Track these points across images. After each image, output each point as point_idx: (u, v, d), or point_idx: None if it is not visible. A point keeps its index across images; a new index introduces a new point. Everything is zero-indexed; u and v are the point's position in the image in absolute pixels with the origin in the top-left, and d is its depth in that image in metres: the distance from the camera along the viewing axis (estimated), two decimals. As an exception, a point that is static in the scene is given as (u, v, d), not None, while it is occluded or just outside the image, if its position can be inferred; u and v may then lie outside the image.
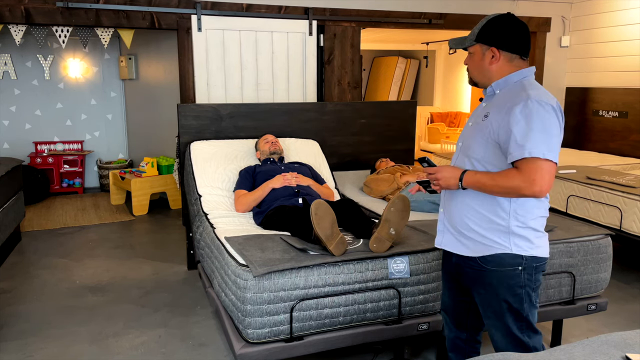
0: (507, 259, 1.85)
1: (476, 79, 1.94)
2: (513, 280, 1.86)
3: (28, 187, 6.29)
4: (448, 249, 2.01)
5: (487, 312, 1.95)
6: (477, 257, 1.90)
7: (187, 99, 4.56)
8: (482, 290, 1.93)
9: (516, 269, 1.86)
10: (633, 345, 1.47)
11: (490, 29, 1.87)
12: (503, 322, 1.92)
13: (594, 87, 5.89)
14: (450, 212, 1.98)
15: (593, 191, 4.10)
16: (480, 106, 1.96)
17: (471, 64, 1.94)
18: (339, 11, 4.90)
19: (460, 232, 1.94)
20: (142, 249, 4.79)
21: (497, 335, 1.96)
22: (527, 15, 5.71)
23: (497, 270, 1.87)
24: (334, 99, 5.02)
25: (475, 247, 1.90)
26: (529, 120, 1.71)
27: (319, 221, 2.41)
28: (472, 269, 1.93)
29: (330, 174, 4.00)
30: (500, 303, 1.89)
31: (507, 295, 1.88)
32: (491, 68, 1.89)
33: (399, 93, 9.37)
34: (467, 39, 1.92)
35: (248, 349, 2.29)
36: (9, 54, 6.80)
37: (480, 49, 1.90)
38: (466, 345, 2.18)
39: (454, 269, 2.02)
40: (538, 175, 1.67)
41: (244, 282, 2.28)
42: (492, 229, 1.86)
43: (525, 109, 1.72)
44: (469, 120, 1.99)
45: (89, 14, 4.25)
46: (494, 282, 1.89)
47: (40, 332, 3.20)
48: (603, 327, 3.28)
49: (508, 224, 1.83)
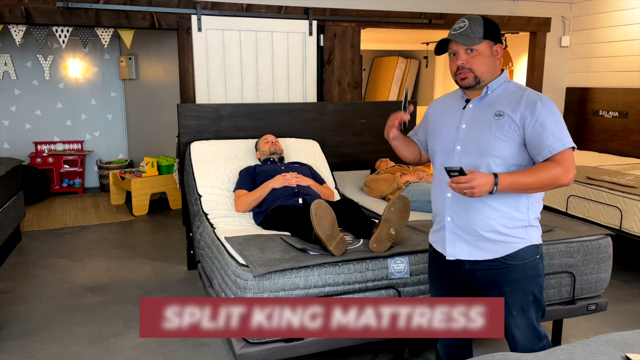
0: (529, 250, 1.90)
1: (484, 78, 1.89)
2: (534, 271, 1.92)
3: (28, 187, 6.30)
4: (464, 258, 1.93)
5: (512, 310, 1.91)
6: (500, 257, 1.88)
7: (187, 99, 4.56)
8: (507, 288, 1.89)
9: (535, 258, 1.92)
10: (633, 345, 1.47)
11: (491, 26, 1.91)
12: (528, 315, 1.92)
13: (594, 87, 5.89)
14: (465, 218, 1.90)
15: (593, 191, 4.10)
16: (468, 107, 1.94)
17: (478, 63, 1.88)
18: (339, 11, 4.90)
19: (480, 237, 1.89)
20: (142, 249, 4.79)
21: (519, 332, 1.93)
22: (527, 15, 5.71)
23: (521, 264, 1.89)
24: (334, 99, 5.02)
25: (497, 247, 1.88)
26: (554, 114, 1.80)
27: (319, 221, 2.41)
28: (494, 270, 1.90)
29: (330, 174, 4.00)
30: (527, 296, 1.91)
31: (532, 287, 1.91)
32: (497, 64, 1.93)
33: (399, 93, 9.37)
34: (471, 37, 1.86)
35: (248, 349, 2.29)
36: (9, 54, 6.80)
37: (488, 46, 1.90)
38: (462, 348, 2.17)
39: (466, 275, 1.95)
40: (572, 163, 1.78)
41: (244, 282, 2.28)
42: (514, 225, 1.88)
43: (545, 104, 1.80)
44: (461, 123, 1.93)
45: (89, 14, 4.25)
46: (519, 277, 1.89)
47: (40, 332, 3.20)
48: (603, 327, 3.28)
49: (527, 217, 1.89)
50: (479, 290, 1.96)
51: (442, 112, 2.07)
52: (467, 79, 1.90)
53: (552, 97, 6.16)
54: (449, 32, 1.92)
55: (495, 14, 5.55)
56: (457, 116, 1.96)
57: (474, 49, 1.88)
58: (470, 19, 1.90)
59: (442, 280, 2.07)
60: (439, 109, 2.10)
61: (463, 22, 1.90)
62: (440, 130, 2.01)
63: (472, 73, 1.89)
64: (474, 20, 1.89)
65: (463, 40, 1.86)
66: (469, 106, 1.94)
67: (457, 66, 1.91)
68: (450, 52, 1.94)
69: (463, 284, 1.99)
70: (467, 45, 1.87)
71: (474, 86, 1.92)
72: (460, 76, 1.91)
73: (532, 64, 6.00)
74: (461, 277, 1.97)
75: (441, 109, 2.08)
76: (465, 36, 1.86)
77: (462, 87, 1.95)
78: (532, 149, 1.82)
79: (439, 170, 1.99)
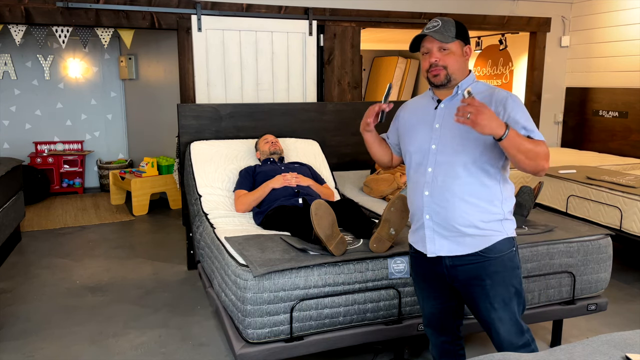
0: (505, 243, 1.94)
1: (455, 76, 1.94)
2: (512, 263, 1.96)
3: (28, 187, 6.30)
4: (444, 254, 1.96)
5: (494, 304, 1.93)
6: (479, 250, 1.92)
7: (187, 99, 4.56)
8: (488, 281, 1.92)
9: (512, 250, 1.96)
10: (633, 345, 1.47)
11: (462, 28, 1.96)
12: (510, 308, 1.95)
13: (594, 87, 5.89)
14: (444, 215, 1.93)
15: (593, 191, 4.10)
16: (440, 107, 1.97)
17: (451, 61, 1.93)
18: (339, 11, 4.90)
19: (458, 232, 1.92)
20: (142, 249, 4.79)
21: (503, 326, 1.95)
22: (527, 15, 5.72)
23: (499, 256, 1.92)
24: (334, 99, 5.02)
25: (475, 241, 1.92)
26: (523, 110, 1.87)
27: (319, 221, 2.41)
28: (473, 264, 1.93)
29: (330, 174, 4.00)
30: (508, 288, 1.94)
31: (512, 278, 1.95)
32: (467, 64, 1.99)
33: (399, 93, 9.37)
34: (445, 35, 1.90)
35: (248, 349, 2.29)
36: (9, 54, 6.80)
37: (460, 46, 1.95)
38: (453, 346, 2.18)
39: (447, 272, 1.99)
40: (549, 153, 1.84)
41: (244, 282, 2.28)
42: (490, 219, 1.92)
43: (515, 101, 1.87)
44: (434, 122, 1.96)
45: (89, 14, 4.25)
46: (499, 269, 1.92)
47: (40, 332, 3.20)
48: (603, 327, 3.28)
49: (502, 211, 1.94)
50: (461, 286, 1.99)
51: (413, 113, 2.11)
52: (438, 76, 1.94)
53: (552, 97, 6.16)
54: (422, 30, 1.97)
55: (495, 14, 5.55)
56: (430, 116, 2.00)
57: (447, 48, 1.92)
58: (442, 20, 1.95)
59: (424, 279, 2.10)
60: (410, 110, 2.14)
61: (436, 21, 1.95)
62: (414, 130, 2.05)
63: (445, 70, 1.93)
64: (447, 21, 1.95)
65: (439, 37, 1.90)
66: (441, 106, 1.98)
67: (430, 63, 1.95)
68: (424, 51, 1.98)
69: (445, 281, 2.02)
70: (443, 42, 1.91)
71: (445, 84, 1.95)
72: (433, 73, 1.95)
73: (532, 64, 6.00)
74: (443, 274, 2.01)
75: (413, 110, 2.13)
76: (440, 33, 1.91)
77: (434, 85, 1.99)
78: None
79: (414, 170, 2.03)
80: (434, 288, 2.08)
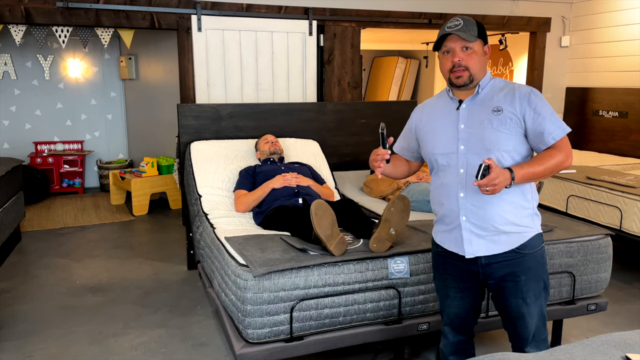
0: (537, 239, 1.99)
1: (477, 76, 1.93)
2: (542, 258, 2.01)
3: (28, 187, 6.29)
4: (482, 254, 1.95)
5: (526, 299, 1.96)
6: (515, 247, 1.94)
7: (187, 99, 4.56)
8: (522, 277, 1.95)
9: (542, 246, 2.01)
10: (633, 345, 1.47)
11: (482, 27, 1.96)
12: (539, 302, 1.99)
13: (594, 87, 5.89)
14: (482, 215, 1.92)
15: (593, 191, 4.10)
16: (462, 108, 1.95)
17: (474, 61, 1.91)
18: (339, 11, 4.90)
19: (495, 230, 1.92)
20: (142, 249, 4.79)
21: (531, 320, 1.98)
22: (527, 15, 5.71)
23: (533, 252, 1.96)
24: (334, 99, 5.02)
25: (510, 239, 1.94)
26: (545, 103, 1.90)
27: (319, 221, 2.41)
28: (508, 261, 1.95)
29: (330, 174, 4.00)
30: (539, 283, 1.98)
31: (543, 273, 2.00)
32: (486, 64, 1.99)
33: (399, 93, 9.37)
34: (468, 34, 1.89)
35: (248, 349, 2.29)
36: (9, 54, 6.80)
37: (481, 45, 1.94)
38: (466, 345, 2.19)
39: (482, 270, 1.98)
40: (570, 147, 1.91)
41: (244, 282, 2.28)
42: (524, 214, 1.96)
43: (537, 95, 1.90)
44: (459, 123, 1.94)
45: (89, 14, 4.25)
46: (532, 265, 1.96)
47: (40, 332, 3.20)
48: (603, 327, 3.28)
49: (532, 205, 1.99)
50: (495, 283, 1.99)
51: (433, 116, 2.07)
52: (462, 77, 1.92)
53: (552, 97, 6.16)
54: (443, 28, 1.94)
55: (495, 14, 5.55)
56: (452, 117, 1.98)
57: (470, 47, 1.90)
58: (464, 19, 1.93)
59: (455, 279, 2.07)
60: (428, 113, 2.10)
61: (458, 20, 1.92)
62: (437, 133, 2.02)
63: (467, 71, 1.91)
64: (468, 20, 1.93)
65: (464, 35, 1.88)
66: (463, 106, 1.96)
67: (452, 63, 1.92)
68: (445, 49, 1.94)
69: (479, 279, 2.03)
70: (467, 41, 1.89)
71: (467, 85, 1.93)
72: (456, 74, 1.92)
73: (532, 64, 6.00)
74: (477, 273, 2.01)
75: (431, 113, 2.09)
76: (464, 32, 1.89)
77: (455, 86, 1.96)
78: (535, 138, 1.90)
79: (442, 172, 2.00)
80: (465, 287, 2.07)
